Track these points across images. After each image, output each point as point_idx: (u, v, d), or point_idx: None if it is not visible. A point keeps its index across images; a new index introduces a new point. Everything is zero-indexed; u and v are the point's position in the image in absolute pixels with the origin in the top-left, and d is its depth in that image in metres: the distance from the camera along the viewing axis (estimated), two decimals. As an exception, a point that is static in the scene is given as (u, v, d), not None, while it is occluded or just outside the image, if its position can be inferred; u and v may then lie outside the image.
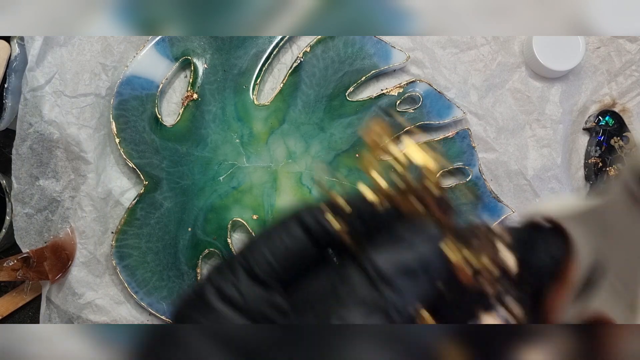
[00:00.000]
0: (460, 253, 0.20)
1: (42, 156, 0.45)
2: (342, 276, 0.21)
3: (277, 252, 0.22)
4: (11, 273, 0.44)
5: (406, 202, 0.21)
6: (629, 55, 0.53)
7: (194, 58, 0.47)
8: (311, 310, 0.21)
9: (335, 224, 0.21)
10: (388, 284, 0.19)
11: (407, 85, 0.49)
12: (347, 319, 0.19)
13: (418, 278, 0.20)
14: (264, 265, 0.22)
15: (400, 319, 0.20)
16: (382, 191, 0.21)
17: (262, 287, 0.22)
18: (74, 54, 0.45)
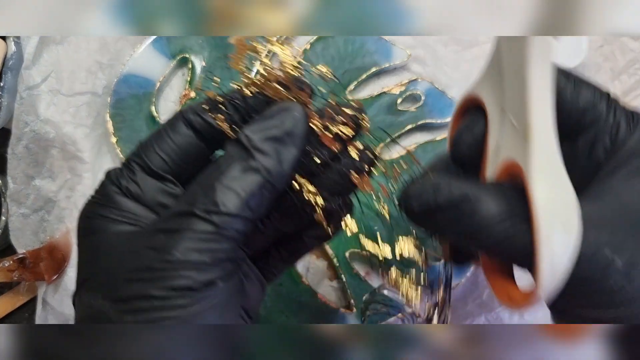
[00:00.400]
0: (320, 122, 0.25)
1: (38, 155, 0.44)
2: (223, 155, 0.24)
3: (167, 147, 0.25)
4: (7, 274, 0.44)
5: (271, 87, 0.25)
6: (632, 54, 0.52)
7: (191, 56, 0.46)
8: (198, 185, 0.23)
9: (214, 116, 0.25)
10: (257, 149, 0.23)
11: (409, 83, 0.48)
12: (228, 182, 0.23)
13: (284, 143, 0.24)
14: (157, 160, 0.25)
15: (270, 177, 0.23)
16: (251, 82, 0.26)
17: (157, 179, 0.25)
18: (70, 52, 0.44)
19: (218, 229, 0.22)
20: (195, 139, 0.26)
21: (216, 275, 0.22)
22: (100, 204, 0.25)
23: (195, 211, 0.22)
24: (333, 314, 0.46)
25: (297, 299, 0.45)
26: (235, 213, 0.22)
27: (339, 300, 0.47)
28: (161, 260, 0.22)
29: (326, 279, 0.48)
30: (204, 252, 0.22)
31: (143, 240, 0.23)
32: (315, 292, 0.46)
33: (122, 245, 0.23)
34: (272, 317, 0.45)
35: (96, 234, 0.24)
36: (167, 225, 0.23)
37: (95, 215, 0.25)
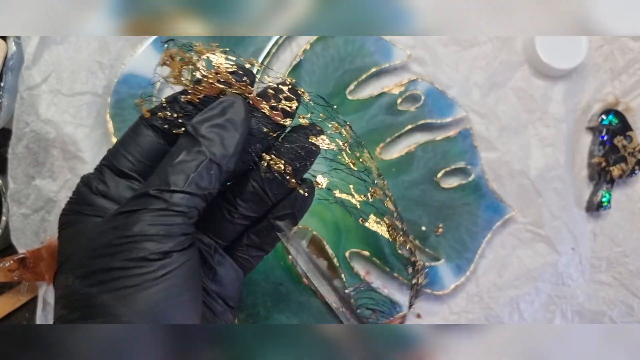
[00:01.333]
0: (266, 104, 0.29)
1: (39, 155, 0.44)
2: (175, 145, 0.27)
3: (131, 148, 0.28)
4: (7, 274, 0.44)
5: (214, 88, 0.28)
6: (632, 54, 0.52)
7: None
8: (154, 174, 0.26)
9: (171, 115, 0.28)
10: (202, 136, 0.26)
11: (409, 83, 0.48)
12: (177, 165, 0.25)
13: (226, 129, 0.27)
14: (122, 161, 0.28)
15: (215, 158, 0.26)
16: (196, 90, 0.28)
17: (124, 178, 0.28)
18: (70, 52, 0.44)
19: (169, 204, 0.25)
20: (155, 137, 0.28)
21: (170, 247, 0.25)
22: (75, 202, 0.28)
23: (150, 191, 0.25)
24: (333, 314, 0.46)
25: (297, 299, 0.45)
26: (183, 189, 0.25)
27: (339, 300, 0.47)
28: (120, 237, 0.24)
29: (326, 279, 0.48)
30: (158, 226, 0.25)
31: (107, 223, 0.25)
32: (315, 292, 0.46)
33: (91, 231, 0.26)
34: (272, 317, 0.45)
35: (71, 226, 0.27)
36: (127, 207, 0.25)
37: (70, 212, 0.28)
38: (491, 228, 0.49)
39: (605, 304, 0.51)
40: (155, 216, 0.25)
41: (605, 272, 0.52)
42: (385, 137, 0.48)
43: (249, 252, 0.32)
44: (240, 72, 0.29)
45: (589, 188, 0.52)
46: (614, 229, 0.52)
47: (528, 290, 0.50)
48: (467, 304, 0.49)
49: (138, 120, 0.29)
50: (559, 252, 0.50)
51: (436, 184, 0.48)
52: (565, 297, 0.51)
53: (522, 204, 0.50)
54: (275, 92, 0.29)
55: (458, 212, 0.49)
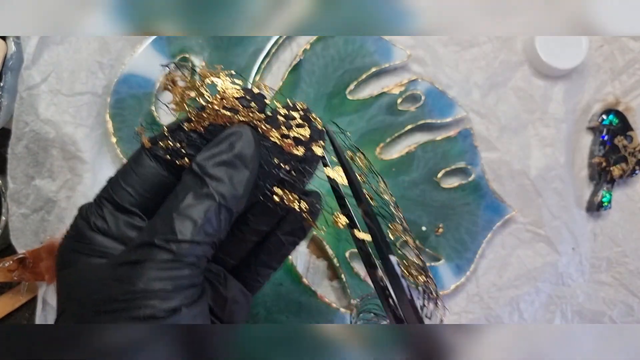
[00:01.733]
0: (276, 132, 0.26)
1: (38, 155, 0.44)
2: (180, 184, 0.25)
3: (132, 181, 0.26)
4: (7, 274, 0.44)
5: (220, 116, 0.26)
6: (632, 54, 0.52)
7: (191, 56, 0.46)
8: (158, 216, 0.24)
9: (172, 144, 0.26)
10: (209, 175, 0.24)
11: (409, 83, 0.48)
12: (184, 211, 0.23)
13: (235, 166, 0.24)
14: (123, 194, 0.26)
15: (225, 201, 0.24)
16: (201, 118, 0.26)
17: (124, 213, 0.26)
18: (70, 52, 0.44)
19: (177, 256, 0.23)
20: (158, 169, 0.26)
21: (180, 303, 0.23)
22: (73, 239, 0.26)
23: (155, 241, 0.23)
24: (333, 314, 0.46)
25: (297, 299, 0.45)
26: (192, 239, 0.23)
27: (339, 300, 0.47)
28: (125, 292, 0.22)
29: (326, 279, 0.48)
30: (165, 280, 0.23)
31: (109, 272, 0.24)
32: (315, 292, 0.46)
33: (91, 278, 0.24)
34: (272, 317, 0.45)
35: (69, 267, 0.25)
36: (130, 256, 0.23)
37: (68, 250, 0.26)
38: (491, 228, 0.49)
39: (605, 304, 0.51)
40: (161, 269, 0.23)
41: (605, 272, 0.52)
42: (385, 137, 0.48)
43: (258, 271, 0.30)
44: (248, 98, 0.26)
45: (589, 188, 0.52)
46: (614, 229, 0.52)
47: (528, 290, 0.50)
48: (467, 304, 0.49)
49: (139, 150, 0.27)
50: (559, 252, 0.50)
51: (436, 184, 0.48)
52: (565, 297, 0.51)
53: (522, 204, 0.50)
54: (286, 118, 0.27)
55: (458, 212, 0.49)
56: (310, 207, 0.28)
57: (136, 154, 0.27)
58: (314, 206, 0.28)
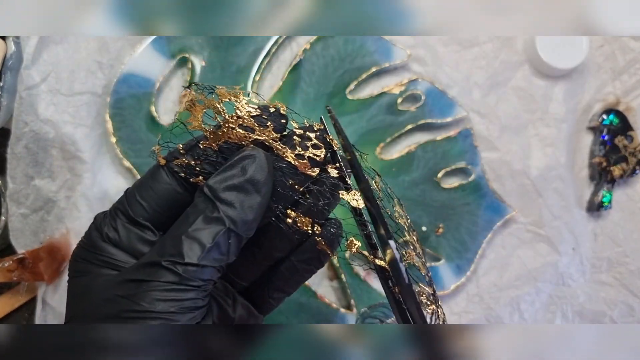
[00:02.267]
0: (291, 152, 0.26)
1: (38, 155, 0.44)
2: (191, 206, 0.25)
3: (147, 195, 0.26)
4: (6, 274, 0.43)
5: (235, 134, 0.26)
6: (633, 54, 0.52)
7: (191, 56, 0.46)
8: (167, 236, 0.24)
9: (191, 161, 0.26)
10: (220, 199, 0.24)
11: (409, 83, 0.48)
12: (193, 233, 0.23)
13: (247, 191, 0.24)
14: (137, 208, 0.26)
15: (234, 226, 0.24)
16: (215, 136, 0.26)
17: (137, 227, 0.26)
18: (69, 51, 0.44)
19: (182, 279, 0.23)
20: (174, 185, 0.26)
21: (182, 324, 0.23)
22: (85, 248, 0.26)
23: (162, 262, 0.23)
24: (333, 314, 0.46)
25: (297, 299, 0.45)
26: (198, 263, 0.23)
27: (339, 300, 0.47)
28: (129, 310, 0.23)
29: (326, 279, 0.47)
30: (169, 302, 0.23)
31: (116, 287, 0.24)
32: (315, 292, 0.46)
33: (99, 290, 0.24)
34: (272, 317, 0.45)
35: (80, 277, 0.26)
36: (136, 275, 0.24)
37: (80, 258, 0.26)
38: (491, 228, 0.49)
39: (605, 304, 0.51)
40: (167, 290, 0.23)
41: (605, 272, 0.51)
42: (385, 137, 0.48)
43: (270, 294, 0.30)
44: (264, 117, 0.26)
45: (590, 188, 0.52)
46: (615, 229, 0.52)
47: (528, 291, 0.50)
48: (468, 304, 0.49)
49: (157, 165, 0.27)
50: (560, 252, 0.50)
51: (436, 184, 0.48)
52: (565, 297, 0.50)
53: (522, 204, 0.50)
54: (302, 139, 0.26)
55: (458, 212, 0.48)
56: (326, 232, 0.27)
57: (154, 168, 0.27)
58: (329, 231, 0.28)
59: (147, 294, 0.23)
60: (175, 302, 0.23)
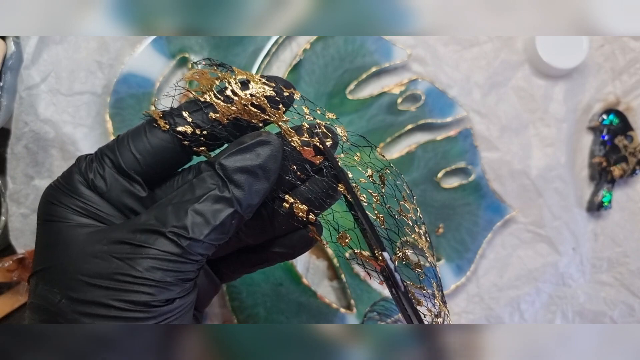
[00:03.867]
0: (298, 138, 0.26)
1: (38, 155, 0.44)
2: (198, 175, 0.25)
3: (142, 147, 0.25)
4: (6, 274, 0.43)
5: (246, 112, 0.26)
6: (633, 54, 0.52)
7: (191, 56, 0.46)
8: (170, 205, 0.24)
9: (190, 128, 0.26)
10: (231, 179, 0.24)
11: (409, 83, 0.48)
12: (200, 209, 0.23)
13: (257, 176, 0.24)
14: (129, 159, 0.25)
15: (240, 208, 0.24)
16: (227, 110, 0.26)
17: (126, 179, 0.25)
18: (69, 51, 0.44)
19: (184, 252, 0.23)
20: (175, 145, 0.26)
21: (176, 295, 0.23)
22: (63, 191, 0.25)
23: (165, 232, 0.23)
24: (333, 314, 0.46)
25: (297, 299, 0.45)
26: (202, 240, 0.23)
27: (339, 300, 0.47)
28: (125, 274, 0.22)
29: (326, 279, 0.47)
30: (168, 272, 0.23)
31: (107, 245, 0.23)
32: (315, 292, 0.46)
33: (84, 242, 0.23)
34: (272, 317, 0.45)
35: (56, 222, 0.24)
36: (135, 238, 0.23)
37: (57, 202, 0.24)
38: (492, 228, 0.49)
39: (606, 305, 0.51)
40: (167, 261, 0.23)
41: (606, 273, 0.51)
42: (385, 137, 0.48)
43: (235, 269, 0.30)
44: (277, 99, 0.26)
45: (590, 188, 0.52)
46: (615, 229, 0.52)
47: (529, 291, 0.50)
48: (468, 304, 0.49)
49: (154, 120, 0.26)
50: (560, 253, 0.50)
51: (436, 184, 0.48)
52: (566, 297, 0.50)
53: (522, 204, 0.50)
54: (311, 127, 0.27)
55: (458, 212, 0.48)
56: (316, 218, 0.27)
57: (150, 124, 0.26)
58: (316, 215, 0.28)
59: (146, 260, 0.22)
60: (173, 272, 0.23)
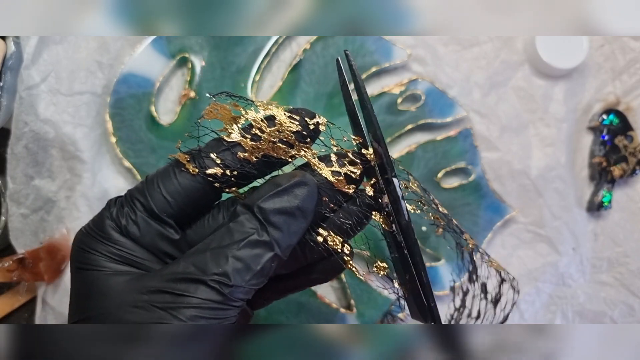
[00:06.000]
0: (328, 168, 0.26)
1: (38, 155, 0.44)
2: (234, 219, 0.24)
3: (173, 189, 0.25)
4: (6, 274, 0.43)
5: (276, 149, 0.26)
6: (633, 54, 0.52)
7: (191, 55, 0.46)
8: (208, 250, 0.23)
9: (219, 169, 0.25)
10: (270, 222, 0.24)
11: (409, 83, 0.48)
12: (240, 254, 0.23)
13: (295, 217, 0.24)
14: (160, 202, 0.25)
15: (280, 251, 0.24)
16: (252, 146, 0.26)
17: (157, 222, 0.25)
18: (69, 51, 0.44)
19: (226, 299, 0.23)
20: (205, 185, 0.25)
21: None
22: (97, 239, 0.24)
23: (207, 280, 0.22)
24: (333, 314, 0.46)
25: (297, 299, 0.45)
26: (244, 286, 0.23)
27: (339, 300, 0.47)
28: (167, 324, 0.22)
29: (326, 279, 0.47)
30: (211, 320, 0.23)
31: (147, 295, 0.23)
32: (315, 292, 0.46)
33: (122, 292, 0.23)
34: (272, 317, 0.45)
35: (92, 271, 0.24)
36: (176, 287, 0.23)
37: (90, 249, 0.24)
38: (492, 228, 0.49)
39: (606, 304, 0.51)
40: (209, 309, 0.22)
41: (606, 273, 0.51)
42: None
43: (267, 297, 0.30)
44: (304, 133, 0.26)
45: (590, 188, 0.52)
46: (615, 229, 0.52)
47: (529, 291, 0.50)
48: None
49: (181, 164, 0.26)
50: (560, 253, 0.50)
51: (436, 184, 0.48)
52: (566, 297, 0.50)
53: (522, 204, 0.50)
54: (339, 155, 0.26)
55: (458, 212, 0.48)
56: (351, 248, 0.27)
57: (178, 165, 0.26)
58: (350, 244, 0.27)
59: (188, 309, 0.22)
60: (217, 320, 0.23)
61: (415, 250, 0.27)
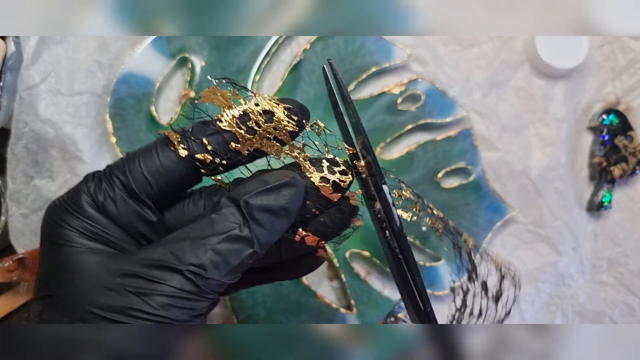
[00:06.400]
0: (318, 174, 0.26)
1: (38, 155, 0.44)
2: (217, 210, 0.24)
3: (154, 169, 0.24)
4: (6, 274, 0.43)
5: (269, 145, 0.26)
6: (633, 54, 0.52)
7: (191, 55, 0.46)
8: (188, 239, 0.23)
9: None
10: (253, 218, 0.23)
11: (409, 83, 0.48)
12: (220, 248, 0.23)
13: (279, 216, 0.24)
14: (141, 182, 0.24)
15: (259, 248, 0.24)
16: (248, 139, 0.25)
17: (136, 202, 0.24)
18: (69, 51, 0.44)
19: (201, 291, 0.23)
20: (188, 169, 0.25)
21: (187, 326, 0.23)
22: (71, 213, 0.24)
23: (183, 270, 0.22)
24: (333, 314, 0.46)
25: (297, 299, 0.45)
26: (220, 280, 0.23)
27: (339, 300, 0.47)
28: (138, 310, 0.22)
29: (326, 279, 0.47)
30: (182, 310, 0.22)
31: (122, 278, 0.22)
32: (315, 292, 0.46)
33: (96, 272, 0.23)
34: (272, 317, 0.45)
35: (64, 247, 0.23)
36: (150, 273, 0.22)
37: (64, 223, 0.24)
38: (492, 228, 0.49)
39: (606, 305, 0.51)
40: (182, 299, 0.22)
41: (606, 273, 0.51)
42: (385, 137, 0.48)
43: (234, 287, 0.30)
44: (301, 135, 0.26)
45: (590, 188, 0.52)
46: (615, 229, 0.52)
47: (529, 291, 0.50)
48: (468, 304, 0.49)
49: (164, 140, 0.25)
50: (560, 253, 0.50)
51: (436, 184, 0.48)
52: (566, 297, 0.50)
53: (522, 204, 0.50)
54: (331, 163, 0.26)
55: (458, 212, 0.48)
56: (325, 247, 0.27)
57: (160, 143, 0.25)
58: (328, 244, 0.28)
59: (161, 297, 0.22)
60: (187, 310, 0.22)
61: (409, 255, 0.27)
